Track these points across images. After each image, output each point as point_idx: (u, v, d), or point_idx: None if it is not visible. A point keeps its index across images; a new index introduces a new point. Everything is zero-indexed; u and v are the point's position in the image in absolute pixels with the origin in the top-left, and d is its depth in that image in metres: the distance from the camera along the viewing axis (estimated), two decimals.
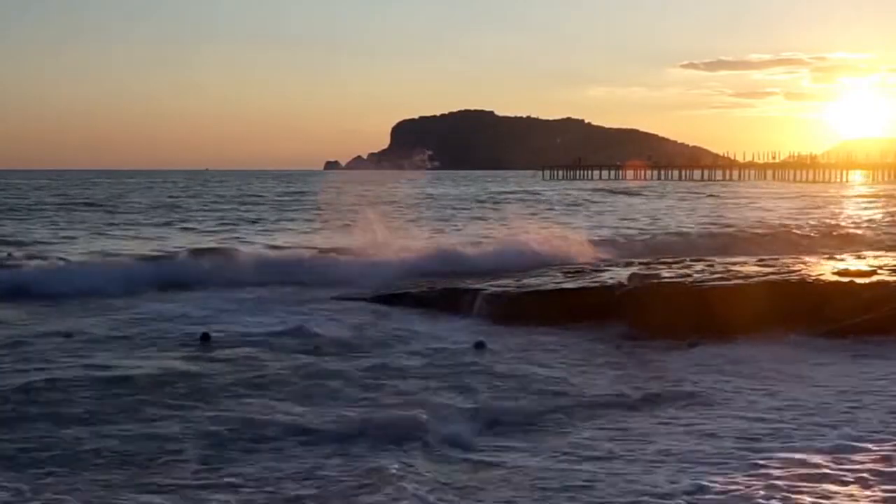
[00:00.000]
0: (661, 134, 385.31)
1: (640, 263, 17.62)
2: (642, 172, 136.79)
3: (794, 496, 6.44)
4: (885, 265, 15.44)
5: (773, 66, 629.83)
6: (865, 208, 47.18)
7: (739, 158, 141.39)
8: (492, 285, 15.93)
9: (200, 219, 39.05)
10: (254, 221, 37.68)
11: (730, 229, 30.00)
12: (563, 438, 7.93)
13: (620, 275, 15.79)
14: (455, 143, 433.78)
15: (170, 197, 61.55)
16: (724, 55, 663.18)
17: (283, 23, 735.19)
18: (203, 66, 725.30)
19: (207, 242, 25.98)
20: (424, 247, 21.99)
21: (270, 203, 53.85)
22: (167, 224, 35.58)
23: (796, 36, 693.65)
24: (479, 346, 12.06)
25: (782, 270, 15.12)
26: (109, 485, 6.74)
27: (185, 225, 35.28)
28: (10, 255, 22.28)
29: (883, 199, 56.96)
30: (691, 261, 17.57)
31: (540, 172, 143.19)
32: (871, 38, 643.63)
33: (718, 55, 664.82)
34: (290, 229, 32.80)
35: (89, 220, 36.84)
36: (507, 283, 16.01)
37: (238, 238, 28.65)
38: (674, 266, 16.63)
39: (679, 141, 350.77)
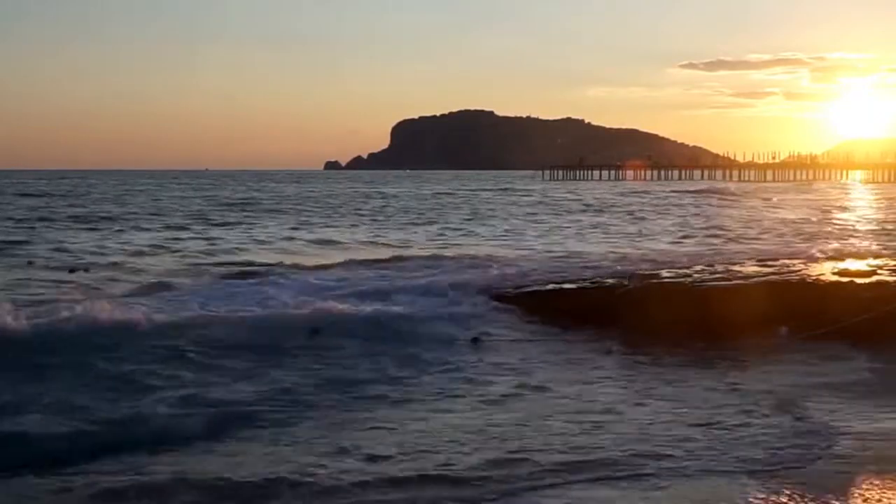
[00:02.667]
0: (661, 134, 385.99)
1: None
2: (642, 172, 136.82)
3: None
4: (886, 265, 15.42)
5: (772, 66, 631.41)
6: None
7: (739, 158, 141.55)
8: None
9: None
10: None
11: None
12: None
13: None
14: (455, 143, 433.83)
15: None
16: (724, 55, 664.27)
17: (283, 23, 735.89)
18: (203, 67, 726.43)
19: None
20: None
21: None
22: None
23: (796, 36, 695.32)
24: (475, 341, 12.17)
25: (782, 271, 15.09)
26: None
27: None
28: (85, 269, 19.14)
29: None
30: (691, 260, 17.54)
31: (540, 172, 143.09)
32: (870, 39, 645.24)
33: (718, 55, 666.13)
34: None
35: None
36: (507, 284, 15.95)
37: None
38: (674, 266, 16.60)
39: (679, 141, 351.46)
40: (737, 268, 15.69)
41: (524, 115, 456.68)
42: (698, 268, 15.94)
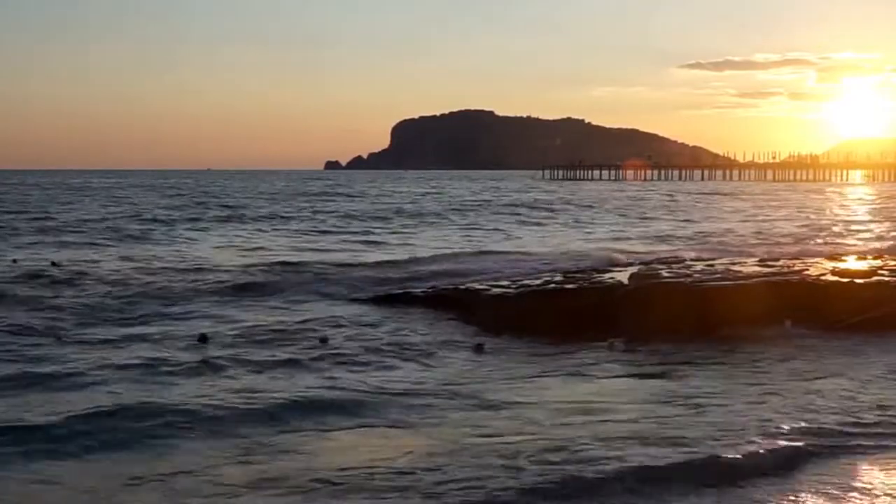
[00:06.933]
0: (661, 134, 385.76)
1: (641, 264, 17.65)
2: (642, 172, 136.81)
3: None
4: (886, 265, 15.48)
5: (779, 66, 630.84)
6: None
7: (739, 158, 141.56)
8: (493, 286, 15.92)
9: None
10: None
11: None
12: None
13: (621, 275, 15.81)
14: (455, 143, 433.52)
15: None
16: (732, 55, 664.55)
17: (284, 24, 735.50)
18: (204, 67, 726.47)
19: None
20: None
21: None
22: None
23: (805, 36, 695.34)
24: (478, 348, 12.20)
25: (783, 271, 15.14)
26: None
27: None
28: None
29: None
30: (691, 260, 17.59)
31: (540, 172, 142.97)
32: (878, 38, 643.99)
33: (726, 55, 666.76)
34: None
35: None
36: (507, 284, 16.01)
37: None
38: (674, 266, 16.65)
39: (680, 141, 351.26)
40: (737, 268, 15.74)
41: (524, 115, 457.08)
42: (699, 267, 15.98)
